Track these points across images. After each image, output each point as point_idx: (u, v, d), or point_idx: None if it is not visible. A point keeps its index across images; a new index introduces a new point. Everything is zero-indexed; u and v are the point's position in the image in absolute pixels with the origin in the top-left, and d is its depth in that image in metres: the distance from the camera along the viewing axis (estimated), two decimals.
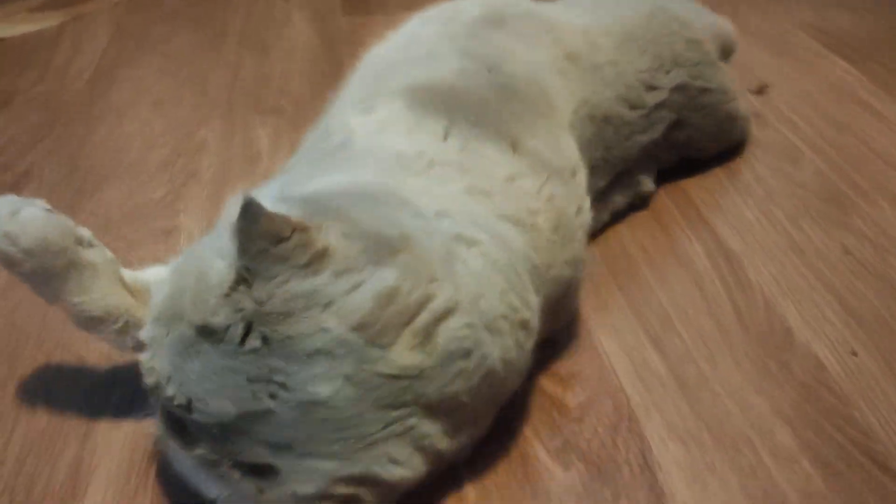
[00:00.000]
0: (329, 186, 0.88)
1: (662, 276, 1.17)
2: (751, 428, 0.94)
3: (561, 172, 1.01)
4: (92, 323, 0.88)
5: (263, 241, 0.71)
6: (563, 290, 0.96)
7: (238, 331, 0.71)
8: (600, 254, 1.21)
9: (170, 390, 0.74)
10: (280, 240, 0.71)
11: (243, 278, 0.72)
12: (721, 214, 1.30)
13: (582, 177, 1.06)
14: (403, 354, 0.75)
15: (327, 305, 0.72)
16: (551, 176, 0.98)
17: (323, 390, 0.71)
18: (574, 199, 1.02)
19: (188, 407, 0.73)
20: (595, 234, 1.22)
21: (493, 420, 0.87)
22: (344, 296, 0.73)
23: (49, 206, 0.88)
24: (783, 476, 0.88)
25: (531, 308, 0.87)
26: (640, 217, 1.30)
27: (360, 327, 0.73)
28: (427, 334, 0.76)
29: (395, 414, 0.75)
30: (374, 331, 0.73)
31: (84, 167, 1.43)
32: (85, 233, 0.89)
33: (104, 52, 1.86)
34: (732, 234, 1.26)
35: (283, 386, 0.71)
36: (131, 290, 0.90)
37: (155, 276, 0.92)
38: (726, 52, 1.43)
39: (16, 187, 1.37)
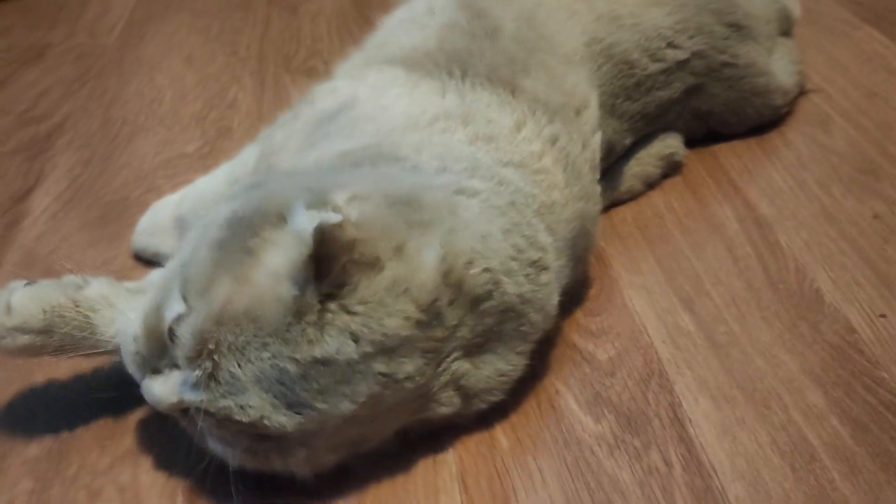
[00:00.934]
0: (329, 156, 0.90)
1: (694, 240, 1.18)
2: (781, 386, 0.94)
3: (563, 111, 1.02)
4: None
5: (342, 257, 0.71)
6: (580, 225, 0.98)
7: (350, 348, 0.72)
8: (632, 218, 1.21)
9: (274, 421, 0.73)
10: (352, 248, 0.71)
11: (329, 297, 0.72)
12: (751, 180, 1.30)
13: (589, 114, 1.07)
14: (450, 313, 0.76)
15: (405, 292, 0.73)
16: (553, 116, 0.99)
17: (410, 368, 0.74)
18: (579, 136, 1.03)
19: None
20: (627, 200, 1.24)
21: (524, 363, 0.88)
22: (411, 277, 0.74)
23: (26, 280, 0.87)
24: (812, 432, 0.88)
25: (542, 248, 0.88)
26: (671, 182, 1.30)
27: (428, 307, 0.75)
28: (458, 286, 0.78)
29: (445, 366, 0.78)
30: (437, 305, 0.75)
31: (117, 119, 1.44)
32: (74, 278, 0.89)
33: (134, 8, 1.86)
34: (763, 199, 1.26)
35: (385, 376, 0.74)
36: (144, 292, 0.90)
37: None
38: (786, 28, 1.41)
39: (50, 138, 1.38)
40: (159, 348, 0.76)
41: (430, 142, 0.91)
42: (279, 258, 0.72)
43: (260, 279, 0.72)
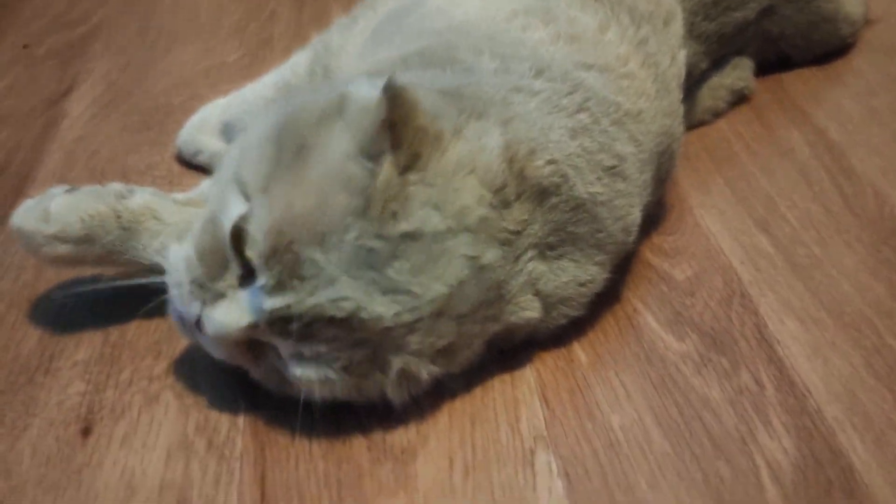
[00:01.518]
0: (384, 61, 0.84)
1: (764, 165, 1.12)
2: (870, 310, 0.89)
3: (651, 19, 0.96)
4: None
5: (415, 120, 0.66)
6: (667, 142, 0.91)
7: (435, 219, 0.66)
8: (698, 140, 1.16)
9: (347, 306, 0.65)
10: (422, 114, 0.66)
11: (406, 169, 0.66)
12: (819, 106, 1.24)
13: (676, 27, 1.00)
14: (518, 207, 0.71)
15: (471, 172, 0.68)
16: (640, 22, 0.93)
17: (490, 256, 0.69)
18: (667, 48, 0.97)
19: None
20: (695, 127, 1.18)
21: (603, 276, 0.82)
22: (476, 158, 0.69)
23: (67, 186, 0.81)
24: None
25: (619, 156, 0.82)
26: (737, 109, 1.24)
27: (497, 191, 0.69)
28: (522, 176, 0.72)
29: (521, 265, 0.72)
30: (505, 192, 0.70)
31: (155, 26, 1.38)
32: (117, 186, 0.82)
33: None
34: (833, 125, 1.20)
35: (470, 259, 0.68)
36: (195, 204, 0.84)
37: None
38: None
39: (84, 43, 1.31)
40: (218, 266, 0.68)
41: (498, 41, 0.84)
42: (346, 139, 0.67)
43: (331, 161, 0.66)
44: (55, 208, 0.78)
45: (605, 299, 0.85)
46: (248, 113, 1.01)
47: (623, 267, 0.88)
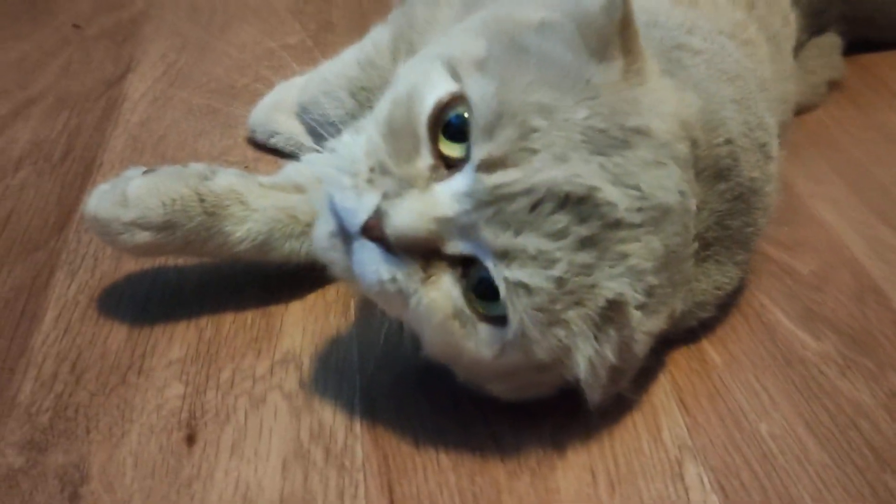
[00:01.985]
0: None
1: (870, 152, 1.06)
2: None
3: None
4: (271, 245, 0.75)
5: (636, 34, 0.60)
6: (787, 109, 0.87)
7: (659, 124, 0.59)
8: (801, 130, 1.09)
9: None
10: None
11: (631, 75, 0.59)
12: None
13: None
14: (695, 186, 0.64)
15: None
16: None
17: (691, 205, 0.62)
18: (778, 9, 0.93)
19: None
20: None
21: (740, 276, 0.76)
22: (681, 107, 0.62)
23: (144, 168, 0.74)
24: None
25: (768, 130, 0.75)
26: (830, 97, 1.17)
27: (694, 144, 0.62)
28: (705, 155, 0.65)
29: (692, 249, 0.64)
30: (697, 153, 0.63)
31: (206, 7, 1.31)
32: (199, 167, 0.75)
33: None
34: None
35: (681, 194, 0.61)
36: (283, 188, 0.77)
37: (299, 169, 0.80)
38: None
39: (135, 24, 1.24)
40: (408, 150, 0.58)
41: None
42: (575, 39, 0.59)
43: (558, 57, 0.58)
44: (133, 192, 0.71)
45: (731, 294, 0.78)
46: (327, 94, 0.93)
47: None
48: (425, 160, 0.58)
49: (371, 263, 0.58)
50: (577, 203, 0.55)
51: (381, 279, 0.58)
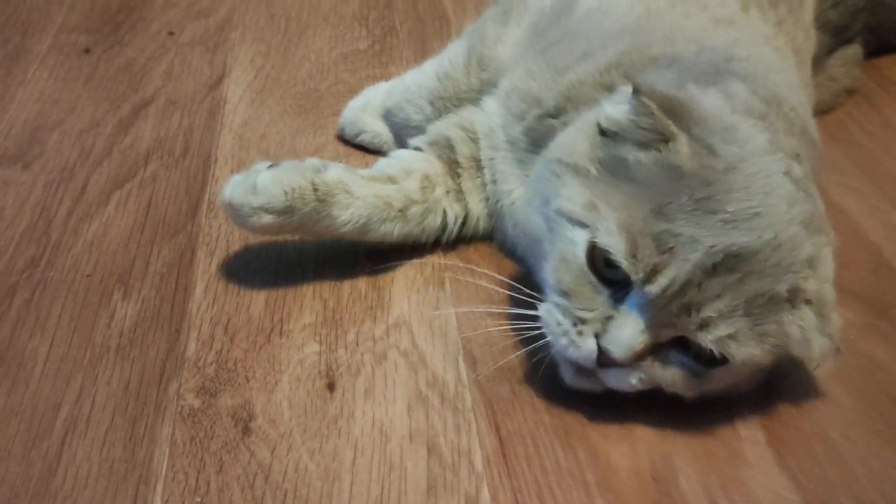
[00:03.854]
0: (589, 76, 0.89)
1: (885, 146, 1.19)
2: None
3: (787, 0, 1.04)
4: (370, 227, 0.89)
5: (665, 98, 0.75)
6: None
7: (734, 150, 0.74)
8: (820, 127, 1.20)
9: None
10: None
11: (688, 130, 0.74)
12: None
13: (809, 7, 1.09)
14: (788, 141, 0.80)
15: (732, 111, 0.78)
16: (778, 2, 1.02)
17: (795, 171, 0.77)
18: (802, 25, 1.05)
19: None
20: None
21: None
22: (732, 100, 0.79)
23: (269, 162, 0.88)
24: None
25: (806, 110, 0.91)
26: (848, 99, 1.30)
27: (762, 117, 0.79)
28: (783, 117, 0.83)
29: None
30: (769, 119, 0.80)
31: (281, 15, 1.44)
32: (314, 161, 0.89)
33: None
34: None
35: (783, 174, 0.75)
36: (379, 180, 0.91)
37: (403, 162, 0.94)
38: None
39: (222, 31, 1.38)
40: (589, 296, 0.73)
41: (680, 27, 0.92)
42: (629, 146, 0.75)
43: (632, 164, 0.74)
44: (261, 182, 0.84)
45: None
46: (409, 101, 1.07)
47: None
48: (604, 293, 0.73)
49: (621, 378, 0.74)
50: (724, 263, 0.69)
51: (633, 384, 0.74)
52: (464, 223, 0.96)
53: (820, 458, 0.76)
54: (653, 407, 0.77)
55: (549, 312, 0.75)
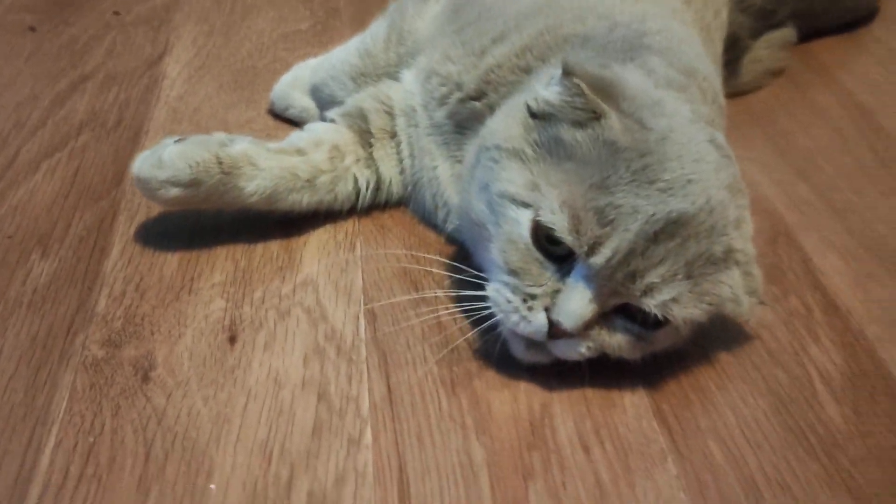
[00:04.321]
0: (506, 58, 0.92)
1: (801, 123, 1.23)
2: None
3: None
4: (277, 198, 0.93)
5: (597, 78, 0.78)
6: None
7: (664, 122, 0.78)
8: (742, 105, 1.26)
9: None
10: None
11: (617, 107, 0.78)
12: (846, 71, 1.35)
13: None
14: (706, 109, 0.87)
15: (656, 85, 0.82)
16: None
17: (718, 138, 0.82)
18: (711, 4, 1.09)
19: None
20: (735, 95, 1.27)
21: None
22: (653, 75, 0.84)
23: (177, 137, 0.91)
24: None
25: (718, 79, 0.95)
26: (775, 80, 1.34)
27: (683, 88, 0.84)
28: (700, 89, 0.88)
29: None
30: (690, 91, 0.85)
31: None
32: (220, 136, 0.93)
33: None
34: (860, 88, 1.31)
35: (707, 141, 0.80)
36: (286, 152, 0.94)
37: (314, 134, 0.98)
38: None
39: (168, 12, 1.41)
40: (536, 272, 0.76)
41: (588, 5, 0.95)
42: (564, 124, 0.78)
43: (567, 141, 0.77)
44: (167, 156, 0.88)
45: None
46: (333, 78, 1.11)
47: None
48: (550, 268, 0.76)
49: (570, 348, 0.77)
50: (664, 230, 0.72)
51: (582, 353, 0.77)
52: (377, 189, 1.00)
53: (693, 405, 0.80)
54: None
55: (497, 291, 0.78)
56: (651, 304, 0.73)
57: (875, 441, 0.77)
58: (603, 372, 0.81)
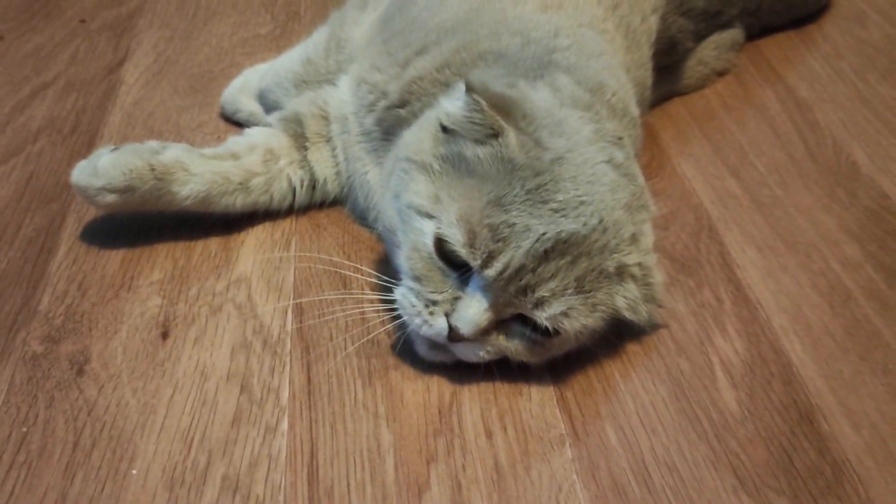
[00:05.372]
0: (427, 72, 0.96)
1: (739, 119, 1.27)
2: (820, 240, 1.04)
3: None
4: (211, 200, 0.97)
5: (500, 96, 0.83)
6: (640, 91, 1.07)
7: (562, 143, 0.82)
8: (681, 101, 1.30)
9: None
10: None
11: (517, 126, 0.82)
12: (791, 67, 1.38)
13: None
14: (612, 124, 0.89)
15: (561, 105, 0.86)
16: None
17: (617, 157, 0.86)
18: (638, 10, 1.11)
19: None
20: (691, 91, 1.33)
21: None
22: (560, 94, 0.87)
23: (113, 146, 0.96)
24: (849, 277, 0.99)
25: (631, 99, 0.97)
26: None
27: (588, 108, 0.88)
28: (605, 104, 0.91)
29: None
30: (595, 109, 0.88)
31: (191, 3, 1.53)
32: (153, 144, 0.97)
33: None
34: (802, 84, 1.35)
35: (605, 162, 0.84)
36: (220, 157, 0.99)
37: (250, 139, 1.03)
38: None
39: (132, 18, 1.46)
40: (439, 280, 0.81)
41: (505, 19, 0.98)
42: (467, 141, 0.83)
43: (469, 159, 0.81)
44: (102, 165, 0.94)
45: None
46: (278, 84, 1.15)
47: None
48: (451, 278, 0.81)
49: (471, 351, 0.82)
50: (554, 248, 0.77)
51: (481, 356, 0.82)
52: (313, 188, 1.05)
53: (596, 393, 0.85)
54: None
55: (403, 296, 0.83)
56: (542, 317, 0.78)
57: (764, 424, 0.82)
58: (510, 362, 0.86)
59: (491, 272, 0.77)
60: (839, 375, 0.87)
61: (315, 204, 1.06)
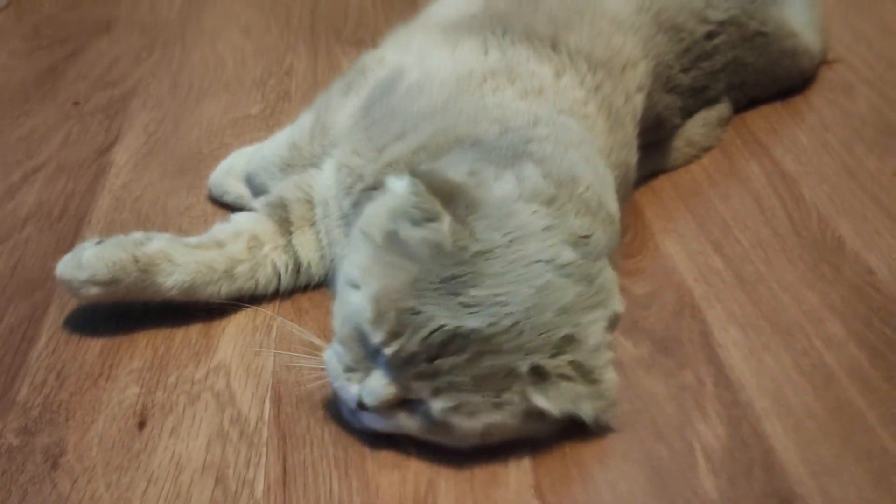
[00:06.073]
0: (403, 157, 0.98)
1: (723, 193, 1.27)
2: (804, 317, 1.04)
3: (607, 64, 1.11)
4: (196, 290, 0.98)
5: (451, 184, 0.85)
6: (624, 172, 1.08)
7: (497, 237, 0.83)
8: (668, 177, 1.30)
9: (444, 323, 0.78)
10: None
11: (461, 216, 0.83)
12: (777, 140, 1.39)
13: (636, 73, 1.15)
14: (577, 221, 0.88)
15: (518, 198, 0.86)
16: (595, 68, 1.09)
17: (564, 256, 0.86)
18: (622, 89, 1.12)
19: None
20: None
21: None
22: (522, 186, 0.88)
23: (98, 239, 0.98)
24: (832, 357, 0.98)
25: (609, 184, 0.98)
26: None
27: (550, 202, 0.88)
28: (576, 198, 0.91)
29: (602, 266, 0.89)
30: (558, 203, 0.88)
31: (185, 82, 1.55)
32: (137, 235, 0.99)
33: None
34: (788, 156, 1.35)
35: (545, 262, 0.84)
36: (204, 246, 1.00)
37: (235, 225, 1.04)
38: None
39: (125, 100, 1.49)
40: (361, 351, 0.83)
41: (484, 106, 1.00)
42: (405, 222, 0.84)
43: (404, 238, 0.83)
44: (86, 259, 0.95)
45: None
46: (264, 169, 1.16)
47: None
48: (369, 350, 0.82)
49: (375, 421, 0.84)
50: (453, 342, 0.78)
51: (384, 427, 0.84)
52: (297, 272, 1.05)
53: (573, 482, 0.85)
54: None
55: (330, 357, 0.85)
56: (435, 407, 0.79)
57: None
58: (490, 447, 0.85)
59: (388, 352, 0.79)
60: (821, 461, 0.86)
61: (300, 287, 1.07)
